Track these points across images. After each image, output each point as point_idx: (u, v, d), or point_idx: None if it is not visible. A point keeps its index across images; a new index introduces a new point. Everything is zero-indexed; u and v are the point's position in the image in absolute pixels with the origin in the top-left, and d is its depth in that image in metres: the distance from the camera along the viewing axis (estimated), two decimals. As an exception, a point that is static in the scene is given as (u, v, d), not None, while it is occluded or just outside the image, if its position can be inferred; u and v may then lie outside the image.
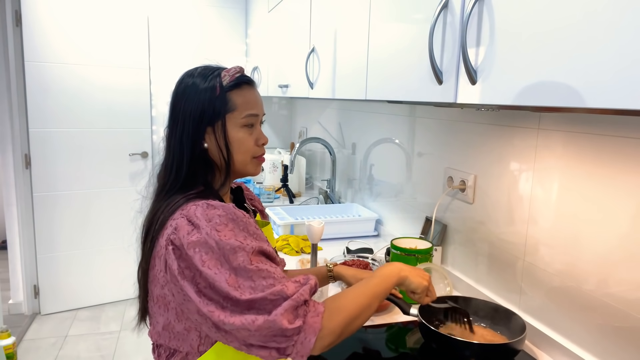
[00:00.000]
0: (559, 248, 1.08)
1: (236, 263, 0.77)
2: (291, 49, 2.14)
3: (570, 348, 1.05)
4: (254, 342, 0.77)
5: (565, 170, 1.07)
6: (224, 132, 0.91)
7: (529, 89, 0.70)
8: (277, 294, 0.76)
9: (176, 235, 0.80)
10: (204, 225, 0.79)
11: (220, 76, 0.91)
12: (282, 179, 2.72)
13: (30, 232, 3.08)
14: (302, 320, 0.77)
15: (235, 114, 0.91)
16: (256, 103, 0.95)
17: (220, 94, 0.90)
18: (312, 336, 0.77)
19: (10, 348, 2.52)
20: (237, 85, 0.92)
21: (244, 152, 0.94)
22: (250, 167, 0.96)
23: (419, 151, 1.72)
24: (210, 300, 0.77)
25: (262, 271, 0.78)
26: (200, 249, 0.78)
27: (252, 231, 0.83)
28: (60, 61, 2.97)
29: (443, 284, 1.37)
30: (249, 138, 0.94)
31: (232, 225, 0.81)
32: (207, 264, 0.77)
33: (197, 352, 0.87)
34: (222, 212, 0.81)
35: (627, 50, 0.55)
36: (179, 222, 0.81)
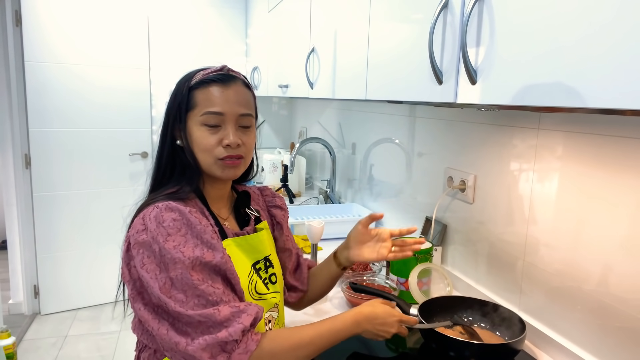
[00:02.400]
0: (559, 248, 1.08)
1: (173, 274, 0.78)
2: (291, 49, 2.14)
3: (570, 348, 1.05)
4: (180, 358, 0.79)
5: (565, 170, 1.06)
6: (185, 130, 0.91)
7: (529, 89, 0.70)
8: (205, 317, 0.76)
9: (130, 232, 0.83)
10: (152, 228, 0.80)
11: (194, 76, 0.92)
12: (282, 179, 2.72)
13: (30, 232, 3.08)
14: (227, 356, 0.77)
15: (194, 112, 0.90)
16: (220, 100, 0.89)
17: (184, 91, 0.91)
18: None
19: (10, 348, 2.52)
20: (204, 83, 0.90)
21: (204, 152, 0.90)
22: (215, 169, 0.91)
23: (419, 151, 1.72)
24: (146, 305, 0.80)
25: (196, 289, 0.78)
26: (143, 250, 0.79)
27: (206, 239, 0.82)
28: (60, 61, 2.97)
29: (443, 284, 1.37)
30: (209, 137, 0.89)
31: (184, 230, 0.81)
32: (145, 267, 0.78)
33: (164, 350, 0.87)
34: (177, 215, 0.82)
35: (627, 50, 0.55)
36: (136, 221, 0.83)
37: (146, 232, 0.80)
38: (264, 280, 0.98)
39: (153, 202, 0.86)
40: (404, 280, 1.34)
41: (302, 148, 3.01)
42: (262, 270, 0.98)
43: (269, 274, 1.00)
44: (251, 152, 0.98)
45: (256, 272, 0.96)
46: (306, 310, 1.28)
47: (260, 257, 0.99)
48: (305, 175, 2.87)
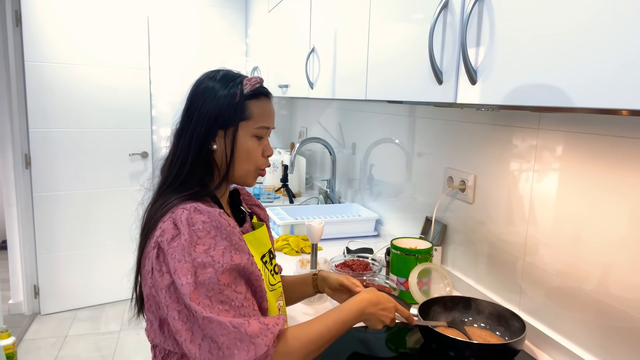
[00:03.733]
0: (559, 248, 1.08)
1: (202, 278, 0.77)
2: (291, 49, 2.14)
3: (570, 348, 1.05)
4: None
5: (565, 170, 1.07)
6: (233, 138, 0.92)
7: (529, 89, 0.70)
8: (235, 326, 0.76)
9: (162, 238, 0.81)
10: (185, 231, 0.80)
11: (242, 83, 0.92)
12: (282, 179, 2.72)
13: (30, 232, 3.08)
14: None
15: (249, 123, 0.93)
16: (271, 116, 0.97)
17: (240, 100, 0.91)
18: None
19: (10, 348, 2.52)
20: (257, 95, 0.94)
21: (250, 162, 0.95)
22: (250, 178, 0.98)
23: (419, 151, 1.72)
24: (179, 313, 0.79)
25: (221, 294, 0.78)
26: (176, 255, 0.79)
27: (235, 241, 0.83)
28: (60, 61, 2.97)
29: (443, 284, 1.37)
30: (257, 148, 0.95)
31: (214, 232, 0.81)
32: (177, 272, 0.77)
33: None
34: (206, 217, 0.82)
35: (626, 50, 0.55)
36: (167, 225, 0.82)
37: (179, 236, 0.80)
38: (271, 271, 1.01)
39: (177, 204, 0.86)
40: (404, 280, 1.34)
41: (302, 148, 3.02)
42: (268, 263, 1.01)
43: (273, 265, 1.03)
44: None
45: (264, 265, 0.98)
46: (305, 310, 1.29)
47: (266, 251, 1.01)
48: (305, 175, 2.87)
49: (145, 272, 0.86)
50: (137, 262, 0.92)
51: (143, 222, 0.92)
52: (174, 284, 0.78)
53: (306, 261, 1.61)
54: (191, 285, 0.76)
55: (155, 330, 0.89)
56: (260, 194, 2.65)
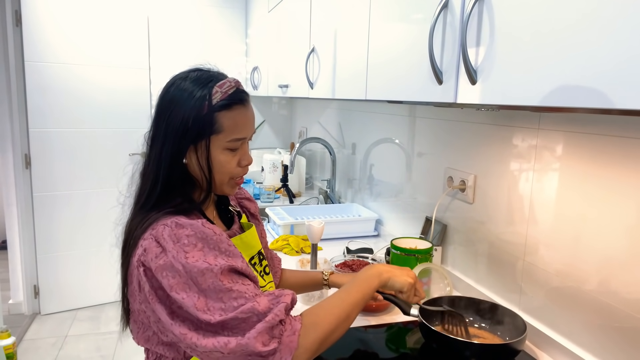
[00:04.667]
0: (559, 248, 1.08)
1: (205, 285, 0.75)
2: (291, 49, 2.14)
3: (570, 348, 1.05)
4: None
5: (565, 170, 1.07)
6: (207, 153, 0.86)
7: (529, 89, 0.70)
8: (248, 312, 0.74)
9: (145, 257, 0.78)
10: (170, 248, 0.76)
11: (210, 93, 0.84)
12: (282, 179, 2.72)
13: (30, 232, 3.08)
14: (278, 340, 0.75)
15: (220, 137, 0.86)
16: (245, 126, 0.89)
17: (208, 113, 0.84)
18: (288, 355, 0.75)
19: (10, 348, 2.52)
20: (227, 105, 0.86)
21: (223, 174, 0.89)
22: (227, 187, 0.92)
23: (419, 151, 1.72)
24: (183, 322, 0.76)
25: (232, 291, 0.76)
26: (167, 272, 0.75)
27: (224, 248, 0.80)
28: (60, 61, 2.97)
29: (443, 284, 1.37)
30: (232, 160, 0.89)
31: (201, 244, 0.78)
32: (174, 289, 0.75)
33: (184, 357, 0.86)
34: (190, 231, 0.78)
35: (626, 51, 0.55)
36: (148, 243, 0.79)
37: (165, 253, 0.77)
38: (260, 273, 1.00)
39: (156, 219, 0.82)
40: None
41: (302, 148, 3.01)
42: (258, 264, 1.00)
43: (263, 266, 1.02)
44: None
45: (253, 267, 0.97)
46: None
47: (254, 253, 1.00)
48: (305, 175, 2.87)
49: (132, 289, 0.83)
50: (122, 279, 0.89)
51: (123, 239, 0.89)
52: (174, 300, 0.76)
53: (306, 261, 1.61)
54: (195, 297, 0.74)
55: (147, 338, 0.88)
56: (260, 194, 2.65)
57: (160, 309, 0.77)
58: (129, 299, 0.88)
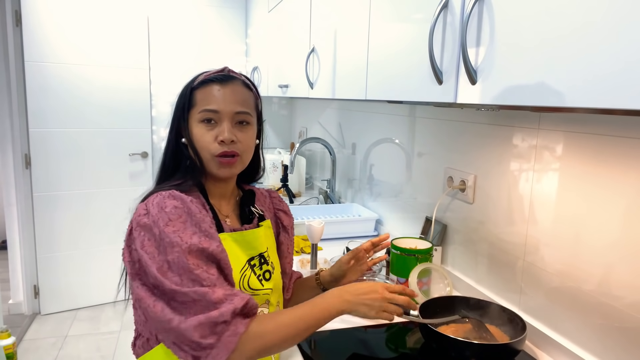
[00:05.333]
0: (559, 248, 1.08)
1: (171, 257, 0.79)
2: (291, 49, 2.14)
3: (570, 348, 1.05)
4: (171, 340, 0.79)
5: (565, 170, 1.07)
6: (186, 128, 0.96)
7: (529, 89, 0.70)
8: (199, 295, 0.77)
9: (133, 216, 0.86)
10: (154, 213, 0.83)
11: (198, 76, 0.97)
12: (282, 179, 2.72)
13: (30, 232, 3.08)
14: (217, 337, 0.77)
15: (194, 110, 0.95)
16: (217, 99, 0.93)
17: (187, 91, 0.96)
18: (224, 354, 0.77)
19: (10, 348, 2.52)
20: (204, 82, 0.95)
21: (202, 149, 0.94)
22: (212, 166, 0.94)
23: (419, 151, 1.72)
24: (144, 284, 0.81)
25: (192, 273, 0.79)
26: (144, 232, 0.82)
27: (204, 228, 0.84)
28: (60, 61, 2.97)
29: (443, 284, 1.37)
30: (206, 134, 0.93)
31: (185, 217, 0.83)
32: (145, 248, 0.81)
33: (156, 340, 0.88)
34: (179, 203, 0.84)
35: (625, 50, 0.55)
36: (140, 206, 0.87)
37: (148, 216, 0.83)
38: (259, 276, 0.98)
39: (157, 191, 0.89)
40: (404, 280, 1.34)
41: (302, 148, 3.01)
42: (257, 267, 0.99)
43: (263, 270, 1.00)
44: (248, 150, 0.98)
45: (250, 268, 0.97)
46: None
47: (255, 254, 1.00)
48: (305, 175, 2.87)
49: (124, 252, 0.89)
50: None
51: None
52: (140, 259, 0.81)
53: (306, 261, 1.61)
54: (157, 262, 0.79)
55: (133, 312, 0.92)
56: (260, 194, 2.65)
57: (128, 266, 0.83)
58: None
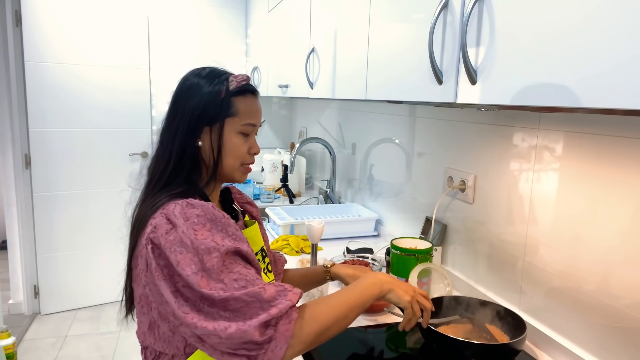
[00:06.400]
0: (559, 248, 1.08)
1: (210, 264, 0.76)
2: (291, 49, 2.14)
3: (570, 348, 1.05)
4: (224, 349, 0.75)
5: (565, 170, 1.07)
6: (220, 134, 0.91)
7: (529, 89, 0.70)
8: (252, 296, 0.75)
9: (155, 233, 0.80)
10: (180, 224, 0.78)
11: (227, 80, 0.92)
12: (282, 179, 2.72)
13: (30, 232, 3.08)
14: (274, 329, 0.76)
15: (235, 120, 0.92)
16: (257, 113, 0.96)
17: (225, 97, 0.91)
18: (284, 344, 0.76)
19: (10, 348, 2.52)
20: (243, 92, 0.93)
21: (235, 158, 0.94)
22: (238, 173, 0.96)
23: (419, 151, 1.72)
24: (187, 301, 0.76)
25: (233, 273, 0.77)
26: (176, 248, 0.77)
27: (231, 232, 0.82)
28: (60, 61, 2.97)
29: (443, 284, 1.37)
30: (243, 145, 0.94)
31: (209, 225, 0.80)
32: (181, 264, 0.76)
33: (184, 354, 0.86)
34: (200, 211, 0.81)
35: (625, 51, 0.55)
36: (159, 220, 0.81)
37: (175, 229, 0.79)
38: (264, 270, 1.00)
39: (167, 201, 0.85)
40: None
41: (302, 148, 3.01)
42: (261, 261, 1.00)
43: (265, 263, 1.03)
44: None
45: None
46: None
47: (258, 249, 1.01)
48: (305, 175, 2.87)
49: (138, 272, 0.84)
50: (128, 263, 0.90)
51: (132, 222, 0.91)
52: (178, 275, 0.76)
53: (306, 261, 1.61)
54: (198, 275, 0.75)
55: (145, 332, 0.88)
56: (260, 194, 2.65)
57: (164, 287, 0.77)
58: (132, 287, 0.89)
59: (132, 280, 0.89)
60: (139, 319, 0.89)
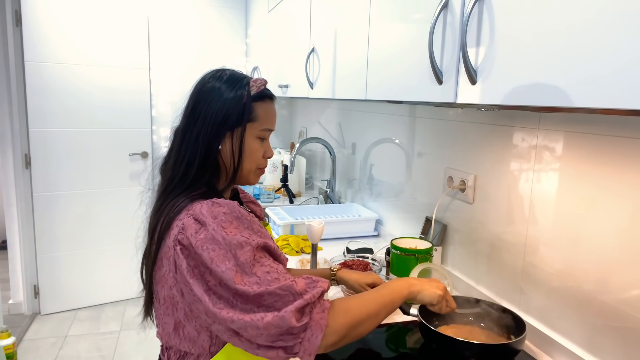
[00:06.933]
0: (559, 248, 1.08)
1: (243, 258, 0.77)
2: (291, 49, 2.14)
3: (570, 348, 1.05)
4: (262, 342, 0.77)
5: (565, 170, 1.07)
6: (241, 139, 0.93)
7: (529, 89, 0.70)
8: (285, 289, 0.77)
9: (184, 234, 0.80)
10: (210, 222, 0.80)
11: (248, 85, 0.93)
12: (282, 179, 2.72)
13: (30, 232, 3.08)
14: (309, 316, 0.77)
15: (255, 125, 0.94)
16: (274, 118, 0.99)
17: (247, 102, 0.92)
18: (319, 332, 0.77)
19: (10, 348, 2.52)
20: (262, 97, 0.95)
21: (252, 162, 0.97)
22: (253, 176, 0.99)
23: (419, 151, 1.72)
24: (220, 298, 0.77)
25: (265, 266, 0.79)
26: (208, 245, 0.78)
27: (257, 229, 0.84)
28: (60, 61, 2.97)
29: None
30: (260, 149, 0.97)
31: (236, 222, 0.82)
32: (215, 261, 0.77)
33: (209, 352, 0.87)
34: (227, 209, 0.82)
35: (625, 51, 0.55)
36: (186, 221, 0.82)
37: (205, 228, 0.79)
38: None
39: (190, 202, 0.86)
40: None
41: (302, 148, 3.01)
42: None
43: None
44: None
45: None
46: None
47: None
48: (305, 175, 2.87)
49: (163, 273, 0.85)
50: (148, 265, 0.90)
51: (152, 224, 0.91)
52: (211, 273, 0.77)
53: (306, 261, 1.62)
54: (232, 270, 0.76)
55: (169, 333, 0.88)
56: (260, 194, 2.65)
57: (197, 286, 0.78)
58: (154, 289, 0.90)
59: (155, 282, 0.89)
60: (163, 320, 0.89)
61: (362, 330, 0.86)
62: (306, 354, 0.77)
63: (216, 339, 0.86)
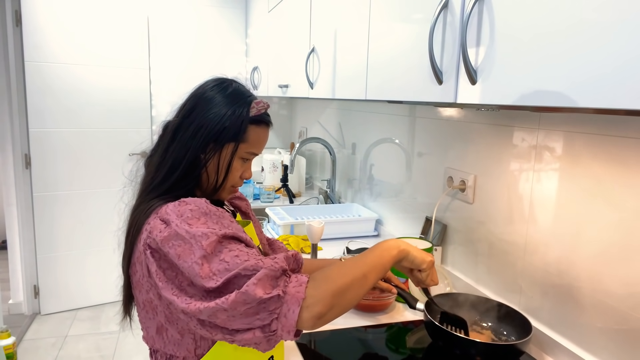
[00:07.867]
0: (559, 248, 1.08)
1: (209, 249, 0.74)
2: (291, 49, 2.14)
3: (571, 348, 1.05)
4: (237, 325, 0.73)
5: (565, 170, 1.07)
6: (231, 156, 0.92)
7: (529, 89, 0.70)
8: (251, 269, 0.73)
9: (151, 237, 0.79)
10: (174, 219, 0.78)
11: (249, 105, 0.92)
12: (282, 179, 2.72)
13: (30, 232, 3.08)
14: (282, 289, 0.73)
15: (244, 146, 0.93)
16: (263, 144, 0.98)
17: (244, 122, 0.91)
18: (296, 306, 0.73)
19: (10, 348, 2.52)
20: (259, 122, 0.94)
21: (229, 180, 0.95)
22: (225, 192, 0.97)
23: (419, 151, 1.72)
24: (192, 297, 0.75)
25: (233, 251, 0.76)
26: (173, 242, 0.76)
27: (227, 223, 0.81)
28: (60, 61, 2.97)
29: (443, 284, 1.38)
30: (240, 169, 0.96)
31: (204, 218, 0.79)
32: (182, 257, 0.75)
33: (195, 355, 0.86)
34: (193, 206, 0.80)
35: (624, 51, 0.55)
36: (153, 223, 0.80)
37: (169, 226, 0.78)
38: None
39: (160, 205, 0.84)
40: (404, 280, 1.34)
41: (302, 148, 3.02)
42: None
43: None
44: None
45: None
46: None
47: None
48: (305, 175, 2.88)
49: (139, 278, 0.84)
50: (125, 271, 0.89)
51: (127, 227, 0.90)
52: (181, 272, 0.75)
53: (306, 261, 1.61)
54: (199, 263, 0.73)
55: (154, 336, 0.88)
56: (260, 194, 2.65)
57: (167, 288, 0.76)
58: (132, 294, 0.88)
59: (133, 287, 0.88)
60: (146, 324, 0.88)
61: (352, 297, 0.80)
62: (284, 330, 0.73)
63: (201, 341, 0.85)
